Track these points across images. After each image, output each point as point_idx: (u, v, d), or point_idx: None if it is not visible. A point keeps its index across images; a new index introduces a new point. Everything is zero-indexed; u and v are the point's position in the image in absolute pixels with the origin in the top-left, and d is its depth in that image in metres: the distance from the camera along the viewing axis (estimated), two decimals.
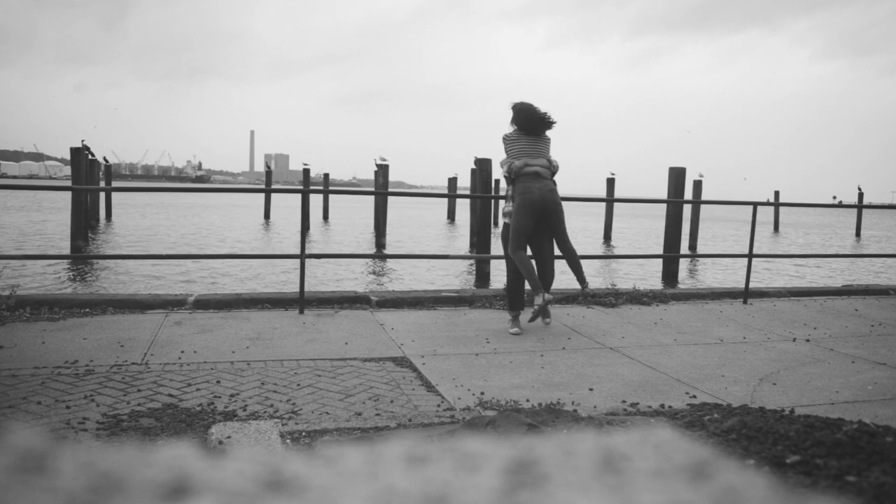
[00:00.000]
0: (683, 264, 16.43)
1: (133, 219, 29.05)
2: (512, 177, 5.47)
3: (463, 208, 36.47)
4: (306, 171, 30.45)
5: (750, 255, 7.69)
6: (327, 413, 3.58)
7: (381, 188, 19.50)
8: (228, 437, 3.04)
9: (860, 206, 9.83)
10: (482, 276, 11.94)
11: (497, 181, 27.37)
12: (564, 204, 5.74)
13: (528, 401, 3.86)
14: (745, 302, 7.33)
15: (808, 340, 5.62)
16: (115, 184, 51.97)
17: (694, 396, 4.04)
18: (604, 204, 30.02)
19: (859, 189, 36.10)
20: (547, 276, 5.56)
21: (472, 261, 14.48)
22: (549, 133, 5.63)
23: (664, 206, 12.80)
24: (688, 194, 19.95)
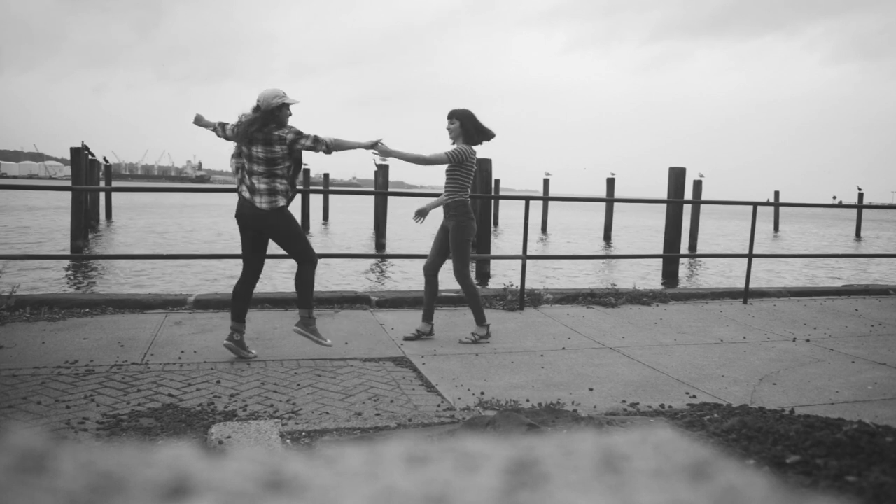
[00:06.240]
0: (683, 264, 16.43)
1: (133, 219, 29.05)
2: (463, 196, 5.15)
3: None
4: (306, 171, 30.46)
5: (750, 255, 7.69)
6: (327, 413, 3.58)
7: (381, 188, 19.49)
8: (228, 437, 3.04)
9: (860, 206, 9.83)
10: (482, 276, 11.94)
11: (497, 181, 27.36)
12: (565, 203, 5.71)
13: (528, 401, 3.86)
14: (745, 302, 7.33)
15: (808, 340, 5.62)
16: (115, 184, 51.95)
17: (694, 396, 4.04)
18: (604, 203, 30.05)
19: (859, 189, 36.11)
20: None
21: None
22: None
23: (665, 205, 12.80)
24: (688, 194, 19.95)
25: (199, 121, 4.78)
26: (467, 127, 5.12)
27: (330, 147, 4.65)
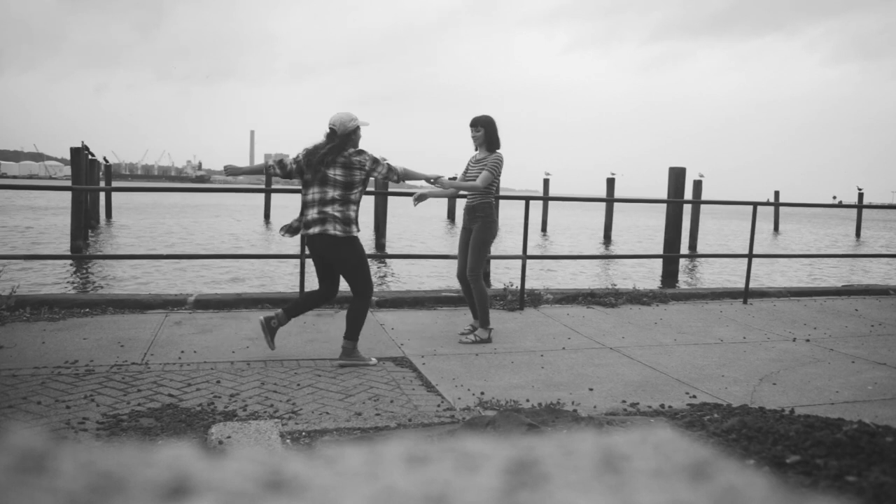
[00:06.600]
0: (683, 264, 16.43)
1: (133, 219, 29.05)
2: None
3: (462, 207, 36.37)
4: None
5: (750, 255, 7.69)
6: (327, 413, 3.58)
7: (381, 188, 19.47)
8: (228, 437, 3.04)
9: (860, 206, 9.82)
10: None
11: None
12: (565, 203, 5.72)
13: (528, 401, 3.86)
14: (745, 302, 7.33)
15: (808, 340, 5.62)
16: (115, 184, 51.97)
17: (694, 396, 4.04)
18: (604, 203, 30.09)
19: (859, 189, 36.13)
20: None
21: None
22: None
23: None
24: (688, 194, 19.95)
25: (233, 171, 4.69)
26: (491, 134, 5.23)
27: (400, 177, 4.71)
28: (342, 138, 4.43)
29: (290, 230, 4.63)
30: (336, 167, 4.40)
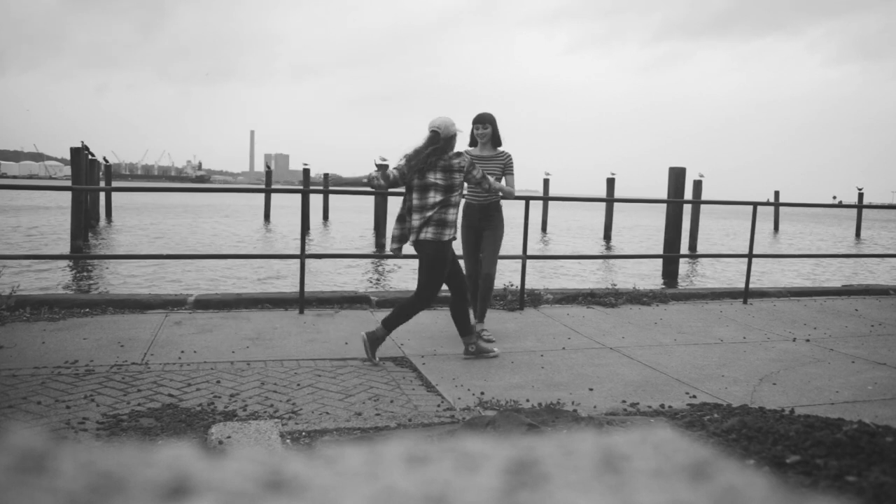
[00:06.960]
0: (683, 264, 16.43)
1: (133, 219, 29.05)
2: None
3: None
4: (306, 171, 30.45)
5: (750, 255, 7.69)
6: (327, 413, 3.58)
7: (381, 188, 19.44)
8: (228, 437, 3.04)
9: (860, 206, 9.83)
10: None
11: None
12: (565, 203, 5.74)
13: (528, 401, 3.86)
14: (745, 302, 7.33)
15: (808, 340, 5.62)
16: (114, 184, 51.97)
17: (694, 396, 4.04)
18: (604, 203, 30.09)
19: (859, 189, 36.13)
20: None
21: None
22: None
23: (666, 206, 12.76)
24: (688, 194, 19.95)
25: (337, 181, 4.81)
26: (496, 131, 5.30)
27: (491, 187, 4.82)
28: (445, 141, 4.47)
29: (399, 240, 4.65)
30: (437, 171, 4.44)
